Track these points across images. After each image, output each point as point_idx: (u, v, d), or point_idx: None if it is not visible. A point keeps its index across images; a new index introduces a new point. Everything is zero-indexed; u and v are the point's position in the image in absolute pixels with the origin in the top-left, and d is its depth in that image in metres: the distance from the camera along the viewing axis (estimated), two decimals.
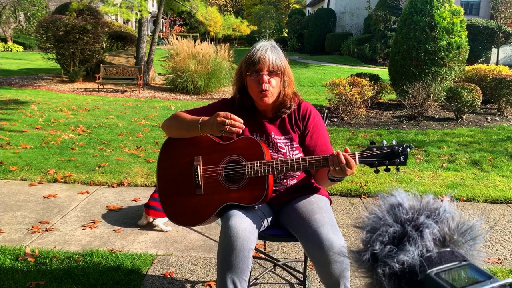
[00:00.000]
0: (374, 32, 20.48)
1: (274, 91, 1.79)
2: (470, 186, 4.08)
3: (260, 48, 1.77)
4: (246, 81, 1.81)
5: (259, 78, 1.75)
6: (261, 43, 1.81)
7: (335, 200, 3.71)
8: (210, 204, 1.76)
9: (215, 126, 1.66)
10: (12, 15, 25.09)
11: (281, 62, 1.78)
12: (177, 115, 1.86)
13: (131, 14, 11.20)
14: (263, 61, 1.74)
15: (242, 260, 1.61)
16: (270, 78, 1.76)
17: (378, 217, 0.75)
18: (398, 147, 1.62)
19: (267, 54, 1.75)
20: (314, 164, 1.68)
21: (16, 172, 4.16)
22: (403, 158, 1.62)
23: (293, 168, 1.70)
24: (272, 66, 1.75)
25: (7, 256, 2.57)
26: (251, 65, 1.76)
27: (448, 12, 7.98)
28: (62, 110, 7.79)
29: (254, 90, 1.78)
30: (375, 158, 1.63)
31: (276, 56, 1.77)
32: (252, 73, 1.77)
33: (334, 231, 1.66)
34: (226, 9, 40.18)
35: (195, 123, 1.75)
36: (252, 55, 1.77)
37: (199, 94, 10.79)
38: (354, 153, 1.64)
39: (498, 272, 2.56)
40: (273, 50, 1.78)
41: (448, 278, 0.63)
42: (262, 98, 1.77)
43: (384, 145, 1.64)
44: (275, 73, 1.77)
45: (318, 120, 1.90)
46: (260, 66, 1.74)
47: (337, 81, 7.52)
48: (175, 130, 1.85)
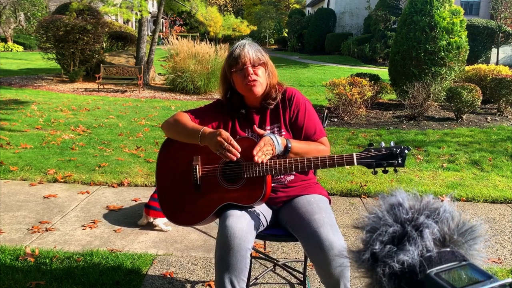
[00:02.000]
0: (374, 32, 20.48)
1: (263, 81, 1.82)
2: (470, 186, 4.08)
3: (238, 46, 1.82)
4: (233, 79, 1.84)
5: (244, 72, 1.78)
6: (238, 43, 1.86)
7: (335, 200, 3.71)
8: (208, 203, 1.77)
9: (213, 143, 1.67)
10: (12, 15, 25.10)
11: (261, 54, 1.83)
12: (178, 119, 1.85)
13: (131, 14, 11.20)
14: (244, 56, 1.78)
15: (239, 260, 1.62)
16: (254, 69, 1.79)
17: (378, 217, 0.75)
18: (396, 149, 1.62)
19: (246, 49, 1.80)
20: (313, 164, 1.69)
21: (16, 172, 4.16)
22: (401, 160, 1.62)
23: (291, 168, 1.71)
24: (253, 59, 1.79)
25: (7, 256, 2.58)
26: (234, 62, 1.79)
27: (448, 12, 7.98)
28: (62, 110, 7.79)
29: (241, 84, 1.80)
30: (373, 160, 1.63)
31: (255, 50, 1.82)
32: (236, 70, 1.80)
33: (334, 231, 1.66)
34: (226, 9, 40.19)
35: (196, 133, 1.75)
36: (233, 52, 1.81)
37: (199, 94, 10.79)
38: (352, 154, 1.64)
39: (498, 272, 2.56)
40: (251, 45, 1.83)
41: (448, 278, 0.63)
42: (251, 88, 1.79)
43: (382, 147, 1.64)
44: (258, 65, 1.80)
45: (304, 102, 1.90)
46: (243, 61, 1.78)
47: (337, 81, 7.52)
48: (175, 134, 1.87)
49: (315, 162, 1.68)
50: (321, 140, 1.87)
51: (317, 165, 1.69)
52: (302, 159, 1.70)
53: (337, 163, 1.68)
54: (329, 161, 1.68)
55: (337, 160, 1.67)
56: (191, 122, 1.84)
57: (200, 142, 1.74)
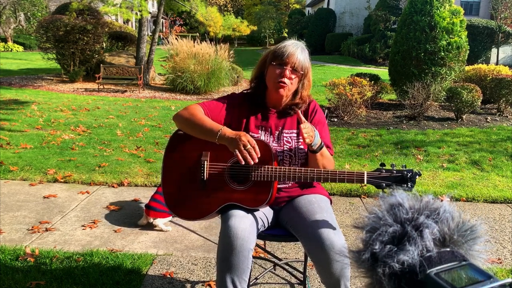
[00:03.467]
0: (374, 32, 20.48)
1: (292, 88, 1.83)
2: (470, 186, 4.08)
3: (292, 44, 1.82)
4: (267, 69, 1.84)
5: (281, 71, 1.78)
6: (292, 40, 1.87)
7: (335, 200, 3.71)
8: (212, 200, 1.77)
9: (234, 145, 1.65)
10: (12, 15, 25.10)
11: (306, 64, 1.83)
12: (194, 114, 1.81)
13: (131, 14, 11.20)
14: (292, 57, 1.78)
15: (241, 260, 1.62)
16: (292, 75, 1.80)
17: (378, 217, 0.75)
18: (407, 173, 1.63)
19: (297, 52, 1.80)
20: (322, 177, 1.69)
21: (16, 172, 4.16)
22: (410, 185, 1.62)
23: (300, 178, 1.71)
24: (297, 65, 1.79)
25: (7, 256, 2.58)
26: (279, 57, 1.79)
27: (448, 12, 7.98)
28: (62, 110, 7.79)
29: (273, 79, 1.80)
30: (383, 181, 1.64)
31: (304, 57, 1.82)
32: (276, 64, 1.80)
33: (334, 231, 1.66)
34: (226, 9, 40.18)
35: (214, 133, 1.73)
36: (283, 48, 1.80)
37: (199, 94, 10.79)
38: (363, 172, 1.66)
39: (498, 272, 2.56)
40: (303, 51, 1.83)
41: (448, 278, 0.63)
42: (278, 89, 1.80)
43: (393, 169, 1.65)
44: (297, 72, 1.81)
45: (323, 118, 1.94)
46: (287, 60, 1.78)
47: (337, 81, 7.52)
48: (188, 128, 1.83)
49: (325, 175, 1.69)
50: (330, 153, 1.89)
51: (326, 178, 1.69)
52: (312, 170, 1.70)
53: (347, 179, 1.68)
54: (339, 176, 1.68)
55: (347, 176, 1.68)
56: (207, 118, 1.80)
57: (218, 141, 1.73)
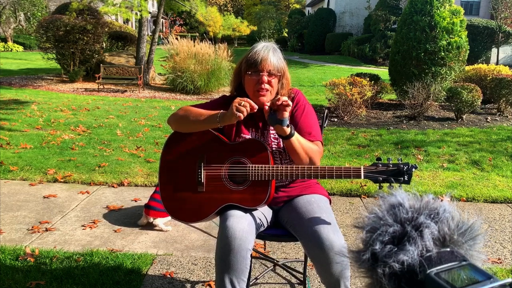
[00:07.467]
0: (374, 32, 20.48)
1: (274, 91, 1.81)
2: (470, 186, 4.08)
3: (262, 49, 1.79)
4: (244, 79, 1.83)
5: (258, 78, 1.77)
6: (262, 43, 1.83)
7: (335, 200, 3.71)
8: (211, 202, 1.76)
9: (232, 110, 1.66)
10: (12, 15, 25.10)
11: (281, 65, 1.81)
12: (189, 109, 1.83)
13: (131, 14, 11.19)
14: (265, 62, 1.76)
15: (240, 260, 1.62)
16: (269, 78, 1.78)
17: (378, 217, 0.75)
18: (403, 166, 1.63)
19: (269, 56, 1.77)
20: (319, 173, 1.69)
21: (16, 172, 4.16)
22: (407, 177, 1.63)
23: (297, 175, 1.71)
24: (273, 68, 1.77)
25: (7, 256, 2.57)
26: (253, 65, 1.77)
27: (448, 12, 7.98)
28: (62, 110, 7.79)
29: (251, 88, 1.80)
30: (380, 175, 1.64)
31: (277, 59, 1.80)
32: (252, 73, 1.78)
33: (334, 231, 1.66)
34: (226, 9, 40.18)
35: (214, 117, 1.74)
36: (254, 55, 1.78)
37: (199, 94, 10.79)
38: (359, 167, 1.65)
39: (498, 272, 2.56)
40: (275, 52, 1.81)
41: (448, 278, 0.63)
42: (258, 97, 1.79)
43: (390, 163, 1.65)
44: (274, 75, 1.79)
45: (304, 103, 1.90)
46: (261, 67, 1.76)
47: (337, 81, 7.52)
48: (186, 124, 1.82)
49: (321, 171, 1.68)
50: (315, 142, 1.83)
51: (323, 175, 1.69)
52: (309, 167, 1.69)
53: (344, 175, 1.67)
54: (336, 172, 1.68)
55: (344, 171, 1.67)
56: (205, 110, 1.82)
57: (219, 122, 1.72)
